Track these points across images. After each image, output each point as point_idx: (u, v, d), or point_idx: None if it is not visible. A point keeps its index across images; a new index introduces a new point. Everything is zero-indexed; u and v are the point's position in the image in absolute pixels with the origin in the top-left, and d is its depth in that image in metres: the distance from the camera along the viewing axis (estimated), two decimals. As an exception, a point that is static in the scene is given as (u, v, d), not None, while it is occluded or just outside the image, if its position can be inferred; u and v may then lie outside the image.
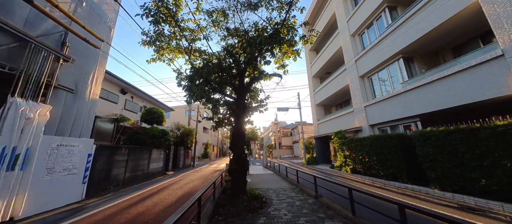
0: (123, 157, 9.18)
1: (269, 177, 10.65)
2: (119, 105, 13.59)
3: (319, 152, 18.32)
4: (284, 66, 6.06)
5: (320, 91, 18.20)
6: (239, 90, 5.73)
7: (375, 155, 9.04)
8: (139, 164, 10.57)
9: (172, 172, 14.28)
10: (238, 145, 5.23)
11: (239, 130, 5.34)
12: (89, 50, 6.92)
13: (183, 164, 17.81)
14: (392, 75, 10.08)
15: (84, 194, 6.59)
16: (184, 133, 18.41)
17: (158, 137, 12.18)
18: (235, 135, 5.35)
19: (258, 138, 41.93)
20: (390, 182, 8.18)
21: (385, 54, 10.08)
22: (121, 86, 13.64)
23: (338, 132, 12.69)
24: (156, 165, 12.43)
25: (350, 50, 13.14)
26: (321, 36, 18.94)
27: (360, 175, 10.17)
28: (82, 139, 6.54)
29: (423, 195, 6.62)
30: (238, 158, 5.08)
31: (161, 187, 8.65)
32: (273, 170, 13.85)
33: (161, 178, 11.77)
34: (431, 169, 6.53)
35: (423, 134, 6.82)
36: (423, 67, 9.24)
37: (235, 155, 5.17)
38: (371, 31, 11.79)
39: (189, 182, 9.85)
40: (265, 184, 7.93)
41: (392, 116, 9.60)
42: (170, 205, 5.62)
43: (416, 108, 8.34)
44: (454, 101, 6.83)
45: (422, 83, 7.91)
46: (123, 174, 9.16)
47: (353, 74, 12.81)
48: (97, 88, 7.43)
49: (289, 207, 4.71)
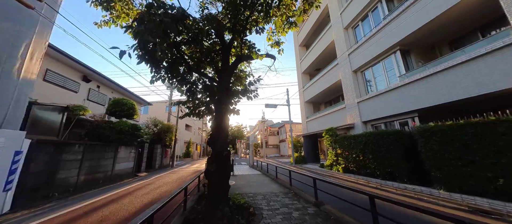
0: (76, 156, 7.39)
1: (257, 178, 9.51)
2: (80, 95, 11.47)
3: (307, 150, 17.66)
4: (278, 43, 4.94)
5: (310, 88, 17.53)
6: (223, 71, 4.49)
7: (370, 153, 8.37)
8: (100, 165, 8.77)
9: (145, 173, 12.49)
10: (219, 140, 4.00)
11: (221, 120, 4.11)
12: (21, 13, 5.16)
13: (159, 164, 15.96)
14: (388, 70, 9.55)
15: (7, 205, 4.86)
16: (162, 129, 16.55)
17: (127, 133, 10.39)
18: (216, 127, 4.11)
19: (244, 136, 40.66)
20: (387, 182, 7.52)
21: (380, 47, 9.51)
22: (83, 73, 11.52)
23: (329, 129, 11.98)
24: (124, 166, 10.62)
25: (343, 44, 12.52)
26: (312, 32, 18.33)
27: (353, 174, 9.50)
28: (5, 131, 4.79)
29: (426, 196, 5.98)
30: (218, 156, 3.85)
31: (124, 193, 7.05)
32: (260, 170, 12.75)
33: (129, 180, 10.04)
34: (436, 167, 5.90)
35: (427, 129, 6.18)
36: (420, 61, 8.79)
37: (215, 153, 3.93)
38: (365, 24, 11.24)
39: (161, 186, 8.33)
40: (252, 188, 6.77)
41: (388, 112, 9.03)
42: (121, 222, 4.19)
43: (414, 103, 7.79)
44: (459, 94, 6.29)
45: (423, 76, 7.35)
46: (76, 177, 7.37)
47: (345, 69, 12.19)
48: (34, 66, 5.65)
49: (286, 221, 3.59)
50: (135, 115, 11.68)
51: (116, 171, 9.91)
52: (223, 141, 4.04)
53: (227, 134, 4.22)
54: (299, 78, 19.89)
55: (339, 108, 12.88)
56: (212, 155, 3.96)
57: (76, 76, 11.18)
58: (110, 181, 9.29)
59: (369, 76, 10.88)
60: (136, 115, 11.76)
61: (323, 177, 10.69)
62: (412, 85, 7.86)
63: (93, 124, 8.97)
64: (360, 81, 11.33)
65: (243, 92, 4.47)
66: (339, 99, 15.81)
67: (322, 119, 15.09)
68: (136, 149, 11.89)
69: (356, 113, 10.98)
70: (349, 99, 11.73)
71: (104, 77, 12.81)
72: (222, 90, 4.21)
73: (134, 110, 11.48)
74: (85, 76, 11.71)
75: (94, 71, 11.77)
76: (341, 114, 12.66)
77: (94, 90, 12.61)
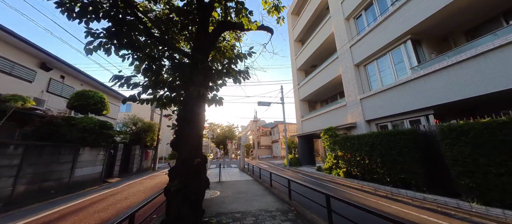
0: (11, 161, 5.66)
1: (247, 186, 8.12)
2: (37, 85, 9.56)
3: (302, 152, 16.50)
4: (278, 8, 3.61)
5: (306, 85, 16.41)
6: (198, 38, 3.10)
7: (379, 156, 7.26)
8: (52, 171, 7.03)
9: (117, 179, 10.72)
10: (188, 140, 2.59)
11: (192, 109, 2.71)
12: None
13: (138, 168, 14.13)
14: (396, 62, 8.52)
15: None
16: (142, 128, 14.73)
17: (93, 131, 8.65)
18: (184, 119, 2.70)
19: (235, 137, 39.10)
20: (400, 190, 6.41)
21: (388, 36, 8.47)
22: (40, 59, 9.61)
23: (328, 128, 10.85)
24: (88, 171, 8.86)
25: (343, 36, 11.45)
26: (308, 26, 17.26)
27: (357, 180, 8.38)
28: None
29: (454, 210, 4.88)
30: (185, 166, 2.45)
31: (75, 208, 5.42)
32: (252, 174, 11.36)
33: (94, 188, 8.31)
34: (466, 175, 4.83)
35: (454, 128, 5.10)
36: (433, 52, 7.82)
37: (181, 160, 2.51)
38: (369, 13, 10.21)
39: (129, 197, 6.73)
40: (240, 202, 5.33)
41: (396, 109, 7.99)
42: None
43: (430, 98, 6.76)
44: (489, 87, 5.27)
45: (442, 66, 6.31)
46: (11, 188, 5.64)
47: (346, 63, 11.12)
48: None
49: None
50: (105, 110, 9.91)
51: (77, 178, 8.15)
52: (195, 141, 2.63)
53: (201, 132, 2.81)
54: (294, 75, 18.75)
55: (338, 106, 11.79)
56: (178, 163, 2.54)
57: (31, 63, 9.27)
58: (67, 190, 7.54)
59: (373, 71, 9.85)
60: (106, 110, 9.99)
61: (321, 181, 9.51)
62: (428, 78, 6.82)
63: (44, 119, 7.18)
64: (363, 76, 10.28)
65: (227, 73, 3.07)
66: (337, 98, 14.79)
67: (319, 118, 13.98)
68: (107, 151, 10.12)
69: (359, 110, 9.91)
70: (350, 96, 10.65)
71: (70, 67, 10.92)
72: (195, 65, 2.80)
73: (103, 105, 9.72)
74: (44, 63, 9.80)
75: (55, 58, 9.89)
76: (340, 112, 11.57)
77: (56, 81, 10.69)
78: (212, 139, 35.66)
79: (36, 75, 9.52)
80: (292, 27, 19.74)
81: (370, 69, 10.08)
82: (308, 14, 16.33)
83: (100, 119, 9.83)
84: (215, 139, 34.76)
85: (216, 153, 42.90)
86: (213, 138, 34.96)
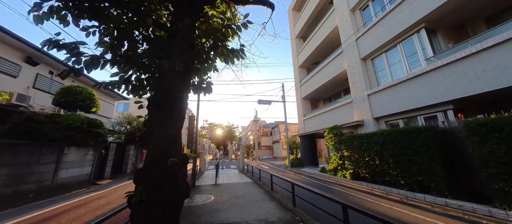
0: (-22, 161, 5.03)
1: (246, 189, 7.44)
2: (23, 81, 8.96)
3: (304, 152, 15.80)
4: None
5: (308, 82, 15.73)
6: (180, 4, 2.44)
7: (391, 156, 6.56)
8: (31, 172, 6.40)
9: (108, 181, 10.08)
10: (161, 130, 1.93)
11: (166, 92, 2.05)
12: None
13: (133, 168, 13.48)
14: (408, 54, 7.83)
15: None
16: (138, 127, 14.08)
17: (80, 130, 8.02)
18: (156, 104, 2.04)
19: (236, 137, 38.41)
20: (416, 195, 5.72)
21: (399, 26, 7.80)
22: (26, 52, 9.01)
23: (333, 127, 10.16)
24: (75, 172, 8.23)
25: (349, 29, 10.77)
26: (309, 22, 16.60)
27: (365, 182, 7.68)
28: None
29: (485, 218, 4.18)
30: (154, 167, 1.79)
31: (47, 216, 4.77)
32: (251, 176, 10.67)
33: (81, 191, 7.69)
34: (499, 177, 4.14)
35: (483, 123, 4.42)
36: (449, 42, 7.13)
37: (150, 158, 1.85)
38: (376, 2, 9.54)
39: (115, 201, 6.07)
40: (237, 209, 4.63)
41: (409, 105, 7.30)
42: None
43: (449, 92, 6.07)
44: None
45: (463, 55, 5.61)
46: (-21, 192, 5.00)
47: (352, 57, 10.44)
48: None
49: None
50: (94, 107, 9.28)
51: (61, 180, 7.51)
52: (170, 135, 1.96)
53: (181, 123, 2.15)
54: (296, 73, 18.08)
55: (344, 103, 11.09)
56: (145, 164, 1.88)
57: (15, 56, 8.66)
58: (49, 193, 6.90)
59: (381, 64, 9.15)
60: (95, 107, 9.36)
61: (326, 183, 8.79)
62: (446, 69, 6.13)
63: (22, 116, 6.55)
64: (371, 70, 9.58)
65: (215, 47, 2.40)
66: (340, 95, 14.10)
67: (322, 116, 13.28)
68: (97, 151, 9.48)
69: (366, 107, 9.21)
70: (356, 92, 9.96)
71: (59, 62, 10.31)
72: (173, 36, 2.14)
73: (92, 101, 9.09)
74: (30, 57, 9.19)
75: (42, 52, 9.28)
76: (346, 110, 10.87)
77: (44, 77, 10.08)
78: (211, 139, 35.03)
79: (21, 70, 8.92)
80: (293, 24, 19.10)
81: (378, 63, 9.39)
82: (310, 9, 15.69)
83: (91, 116, 9.22)
84: (215, 139, 34.16)
85: (216, 153, 42.28)
86: (212, 138, 34.35)
